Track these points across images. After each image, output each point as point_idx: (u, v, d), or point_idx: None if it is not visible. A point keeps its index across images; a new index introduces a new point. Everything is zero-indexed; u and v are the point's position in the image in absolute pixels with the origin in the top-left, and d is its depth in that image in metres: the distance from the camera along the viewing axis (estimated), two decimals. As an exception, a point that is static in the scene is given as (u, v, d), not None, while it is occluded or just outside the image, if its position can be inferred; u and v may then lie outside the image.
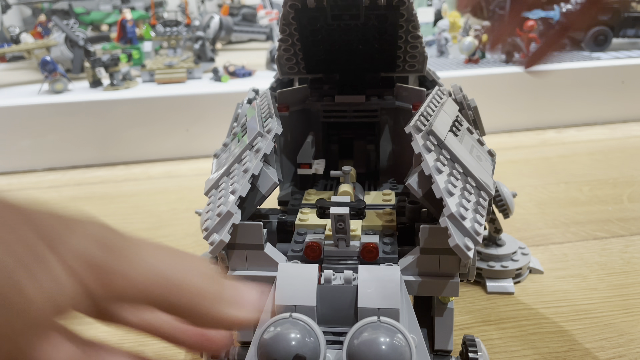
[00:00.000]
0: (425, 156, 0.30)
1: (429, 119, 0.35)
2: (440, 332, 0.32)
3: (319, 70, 0.46)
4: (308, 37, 0.41)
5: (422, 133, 0.33)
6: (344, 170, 0.40)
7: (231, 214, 0.30)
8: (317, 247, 0.31)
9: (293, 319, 0.26)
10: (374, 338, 0.24)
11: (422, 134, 0.32)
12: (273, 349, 0.25)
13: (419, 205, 0.36)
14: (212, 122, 0.95)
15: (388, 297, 0.27)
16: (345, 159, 0.48)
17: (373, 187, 0.45)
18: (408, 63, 0.45)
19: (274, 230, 0.37)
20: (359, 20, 0.38)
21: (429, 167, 0.30)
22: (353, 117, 0.45)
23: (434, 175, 0.29)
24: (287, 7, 0.39)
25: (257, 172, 0.32)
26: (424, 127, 0.33)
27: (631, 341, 0.45)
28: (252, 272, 0.32)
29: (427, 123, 0.34)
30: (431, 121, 0.34)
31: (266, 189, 0.34)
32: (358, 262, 0.31)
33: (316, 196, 0.41)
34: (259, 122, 0.37)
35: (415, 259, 0.30)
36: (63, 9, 1.51)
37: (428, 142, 0.32)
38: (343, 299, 0.28)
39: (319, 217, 0.32)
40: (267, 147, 0.34)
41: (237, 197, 0.30)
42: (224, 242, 0.29)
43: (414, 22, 0.40)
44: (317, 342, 0.25)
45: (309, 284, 0.28)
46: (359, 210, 0.31)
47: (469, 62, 1.08)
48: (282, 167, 0.46)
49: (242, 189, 0.31)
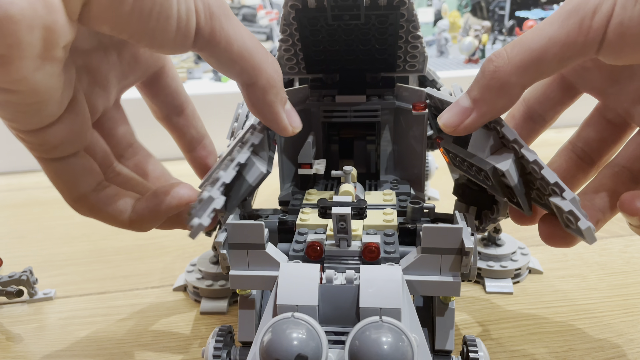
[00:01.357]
0: (523, 143, 0.30)
1: None
2: (441, 332, 0.32)
3: (319, 70, 0.46)
4: (308, 37, 0.41)
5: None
6: (345, 170, 0.40)
7: (212, 199, 0.30)
8: (318, 246, 0.31)
9: (295, 318, 0.26)
10: (375, 338, 0.24)
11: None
12: (275, 348, 0.25)
13: (421, 205, 0.36)
14: (212, 122, 0.94)
15: (389, 297, 0.27)
16: (345, 159, 0.48)
17: (374, 187, 0.45)
18: (408, 63, 0.45)
19: (275, 230, 0.37)
20: (360, 20, 0.38)
21: (531, 153, 0.30)
22: (353, 117, 0.45)
23: (540, 162, 0.29)
24: (288, 7, 0.39)
25: (243, 160, 0.32)
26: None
27: (631, 341, 0.45)
28: (253, 272, 0.32)
29: None
30: None
31: (253, 179, 0.34)
32: (359, 262, 0.31)
33: (317, 196, 0.41)
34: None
35: (416, 259, 0.30)
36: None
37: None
38: (345, 298, 0.28)
39: (321, 217, 0.32)
40: (256, 137, 0.34)
41: (221, 183, 0.30)
42: (203, 226, 0.29)
43: (414, 22, 0.40)
44: (319, 341, 0.25)
45: (310, 284, 0.28)
46: (361, 210, 0.31)
47: (469, 62, 1.08)
48: (282, 167, 0.46)
49: (227, 175, 0.31)
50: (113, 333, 0.49)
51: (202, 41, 0.27)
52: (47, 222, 0.75)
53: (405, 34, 0.41)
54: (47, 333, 0.49)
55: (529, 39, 0.29)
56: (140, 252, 0.64)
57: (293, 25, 0.40)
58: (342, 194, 0.37)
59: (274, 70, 0.31)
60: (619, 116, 0.36)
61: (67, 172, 0.30)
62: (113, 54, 0.32)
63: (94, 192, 0.32)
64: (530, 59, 0.28)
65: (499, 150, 0.32)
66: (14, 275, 0.52)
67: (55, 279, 0.59)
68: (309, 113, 0.46)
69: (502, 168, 0.30)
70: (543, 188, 0.30)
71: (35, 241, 0.69)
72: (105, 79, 0.32)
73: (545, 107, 0.39)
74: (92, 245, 0.67)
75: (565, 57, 0.28)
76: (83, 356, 0.45)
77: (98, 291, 0.56)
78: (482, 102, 0.30)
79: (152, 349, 0.46)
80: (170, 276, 0.58)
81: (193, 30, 0.27)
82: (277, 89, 0.31)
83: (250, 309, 0.33)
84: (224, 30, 0.28)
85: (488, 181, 0.32)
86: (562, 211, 0.28)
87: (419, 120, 0.43)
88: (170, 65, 0.38)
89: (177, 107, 0.39)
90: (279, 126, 0.32)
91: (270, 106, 0.31)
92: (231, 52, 0.28)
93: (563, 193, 0.28)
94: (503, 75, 0.29)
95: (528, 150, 0.30)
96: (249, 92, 0.31)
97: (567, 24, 0.27)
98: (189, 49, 0.28)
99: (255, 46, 0.29)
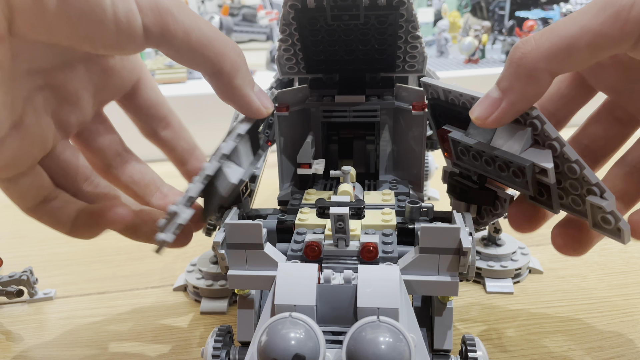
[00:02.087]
0: (565, 142, 0.30)
1: None
2: (439, 331, 0.32)
3: (319, 71, 0.46)
4: (308, 37, 0.41)
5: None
6: (344, 170, 0.40)
7: (176, 214, 0.30)
8: (316, 246, 0.32)
9: (293, 318, 0.26)
10: (373, 337, 0.24)
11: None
12: (273, 348, 0.25)
13: (419, 205, 0.36)
14: (212, 122, 0.95)
15: (387, 297, 0.27)
16: (344, 158, 0.48)
17: (373, 187, 0.45)
18: (408, 63, 0.45)
19: (274, 230, 0.37)
20: (359, 20, 0.38)
21: (573, 152, 0.30)
22: (353, 117, 0.45)
23: (582, 161, 0.29)
24: (287, 7, 0.39)
25: (211, 172, 0.32)
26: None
27: (630, 341, 0.45)
28: (251, 272, 0.32)
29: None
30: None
31: (225, 190, 0.34)
32: (358, 262, 0.31)
33: (316, 196, 0.41)
34: None
35: (414, 259, 0.30)
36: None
37: None
38: (342, 298, 0.28)
39: (319, 217, 0.32)
40: (227, 146, 0.33)
41: (188, 197, 0.31)
42: (167, 242, 0.29)
43: (413, 23, 0.40)
44: (317, 341, 0.25)
45: (308, 284, 0.28)
46: (359, 210, 0.31)
47: (468, 62, 1.08)
48: (281, 167, 0.46)
49: (194, 188, 0.31)
50: (113, 333, 0.49)
51: (155, 37, 0.27)
52: (48, 222, 0.75)
53: (405, 34, 0.41)
54: (47, 333, 0.49)
55: (560, 26, 0.28)
56: (141, 252, 0.64)
57: (292, 25, 0.40)
58: (341, 194, 0.37)
59: (236, 55, 0.30)
60: (629, 114, 0.36)
61: (14, 189, 0.32)
62: (80, 69, 0.32)
63: (41, 204, 0.33)
64: (560, 45, 0.28)
65: (532, 146, 0.31)
66: (14, 275, 0.52)
67: (56, 279, 0.59)
68: (308, 113, 0.46)
69: (546, 165, 0.30)
70: (574, 187, 0.30)
71: (35, 241, 0.69)
72: (75, 95, 0.33)
73: (558, 105, 0.38)
74: (92, 245, 0.67)
75: (597, 48, 0.27)
76: (83, 356, 0.46)
77: (98, 291, 0.56)
78: (511, 90, 0.29)
79: (152, 349, 0.46)
80: (171, 276, 0.59)
81: (139, 30, 0.27)
82: (243, 72, 0.31)
83: (249, 308, 0.33)
84: (179, 23, 0.28)
85: (517, 178, 0.32)
86: (600, 211, 0.29)
87: (419, 121, 0.43)
88: (147, 77, 0.38)
89: (161, 120, 0.39)
90: (251, 108, 0.32)
91: (239, 90, 0.31)
92: (190, 43, 0.28)
93: (604, 194, 0.29)
94: (530, 61, 0.28)
95: (570, 149, 0.30)
96: (215, 80, 0.31)
97: (602, 14, 0.27)
98: (143, 47, 0.28)
99: (214, 33, 0.29)
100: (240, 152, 0.35)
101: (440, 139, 0.41)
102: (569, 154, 0.30)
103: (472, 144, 0.34)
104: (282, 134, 0.45)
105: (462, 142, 0.35)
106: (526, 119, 0.31)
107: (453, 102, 0.39)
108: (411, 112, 0.44)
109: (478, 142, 0.34)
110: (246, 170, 0.36)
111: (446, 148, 0.41)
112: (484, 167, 0.35)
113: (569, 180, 0.31)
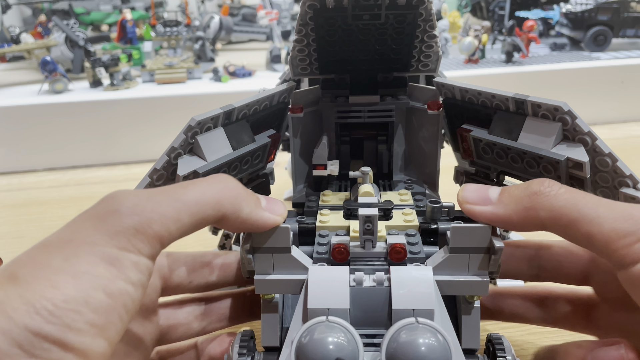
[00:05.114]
0: (597, 136, 0.31)
1: None
2: (467, 330, 0.32)
3: (332, 71, 0.46)
4: (324, 37, 0.41)
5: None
6: (363, 171, 0.40)
7: None
8: (344, 249, 0.31)
9: (329, 322, 0.26)
10: (413, 339, 0.24)
11: None
12: (312, 353, 0.24)
13: (440, 204, 0.36)
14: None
15: (422, 298, 0.27)
16: (354, 159, 0.48)
17: (388, 187, 0.45)
18: (422, 62, 0.45)
19: (295, 232, 0.36)
20: (380, 20, 0.38)
21: (605, 145, 0.31)
22: (368, 117, 0.45)
23: (614, 154, 0.30)
24: (306, 7, 0.38)
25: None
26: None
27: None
28: (278, 276, 0.31)
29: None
30: None
31: None
32: (386, 263, 0.31)
33: (332, 197, 0.41)
34: None
35: (444, 259, 0.30)
36: (63, 9, 1.50)
37: None
38: (376, 300, 0.28)
39: (345, 219, 0.32)
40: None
41: None
42: None
43: (431, 22, 0.40)
44: (356, 345, 0.25)
45: (341, 287, 0.28)
46: (387, 211, 0.31)
47: (468, 62, 1.08)
48: (295, 169, 0.46)
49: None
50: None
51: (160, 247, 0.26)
52: (47, 222, 0.74)
53: (422, 33, 0.41)
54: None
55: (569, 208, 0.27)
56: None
57: (309, 25, 0.40)
58: (363, 195, 0.37)
59: (229, 190, 0.29)
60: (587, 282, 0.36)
61: None
62: None
63: None
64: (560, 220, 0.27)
65: (562, 141, 0.32)
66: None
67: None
68: (320, 114, 0.46)
69: (582, 159, 0.31)
70: (604, 180, 0.31)
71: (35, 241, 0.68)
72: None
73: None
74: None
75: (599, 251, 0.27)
76: None
77: (107, 294, 0.55)
78: (502, 206, 0.29)
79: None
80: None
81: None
82: (245, 201, 0.29)
83: (273, 312, 0.33)
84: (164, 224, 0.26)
85: (548, 173, 0.33)
86: (633, 201, 0.30)
87: (434, 120, 0.43)
88: None
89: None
90: (268, 226, 0.30)
91: (250, 219, 0.29)
92: (182, 222, 0.27)
93: (637, 184, 0.30)
94: (539, 204, 0.27)
95: (602, 142, 0.31)
96: (225, 224, 0.29)
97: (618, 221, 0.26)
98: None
99: (198, 193, 0.27)
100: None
101: (459, 138, 0.40)
102: (601, 147, 0.30)
103: (498, 142, 0.34)
104: (296, 135, 0.45)
105: (487, 140, 0.35)
106: (555, 115, 0.32)
107: (471, 101, 0.39)
108: (426, 111, 0.43)
109: (505, 139, 0.34)
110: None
111: (465, 147, 0.41)
112: (509, 164, 0.35)
113: (598, 174, 0.31)
